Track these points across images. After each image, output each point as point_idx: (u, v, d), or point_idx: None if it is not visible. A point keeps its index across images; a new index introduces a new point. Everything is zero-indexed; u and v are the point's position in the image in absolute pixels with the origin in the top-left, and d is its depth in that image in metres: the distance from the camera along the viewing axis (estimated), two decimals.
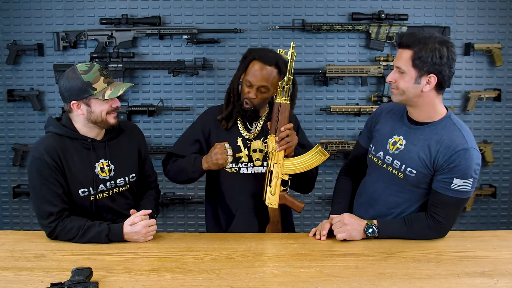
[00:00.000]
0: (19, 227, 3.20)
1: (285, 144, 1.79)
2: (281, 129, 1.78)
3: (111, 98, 1.68)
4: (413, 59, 1.57)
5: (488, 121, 3.17)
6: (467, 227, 3.24)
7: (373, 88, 3.13)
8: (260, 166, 1.93)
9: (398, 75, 1.63)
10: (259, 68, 1.80)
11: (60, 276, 1.38)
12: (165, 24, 3.05)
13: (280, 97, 1.78)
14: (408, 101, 1.65)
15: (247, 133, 1.94)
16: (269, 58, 1.81)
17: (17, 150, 3.10)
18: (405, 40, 1.59)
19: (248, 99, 1.84)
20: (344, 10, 3.07)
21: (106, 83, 1.69)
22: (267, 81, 1.81)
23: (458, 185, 1.59)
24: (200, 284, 1.35)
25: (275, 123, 1.80)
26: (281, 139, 1.79)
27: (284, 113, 1.78)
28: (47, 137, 1.74)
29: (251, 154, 1.92)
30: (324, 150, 1.82)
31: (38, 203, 1.68)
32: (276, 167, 1.82)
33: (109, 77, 1.72)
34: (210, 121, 1.97)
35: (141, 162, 1.91)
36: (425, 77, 1.58)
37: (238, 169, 1.93)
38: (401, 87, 1.62)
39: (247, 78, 1.83)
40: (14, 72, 3.09)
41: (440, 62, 1.55)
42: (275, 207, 1.86)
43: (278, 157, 1.81)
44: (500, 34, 3.09)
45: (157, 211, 1.95)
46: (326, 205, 3.21)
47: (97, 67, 1.70)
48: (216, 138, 1.93)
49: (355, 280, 1.37)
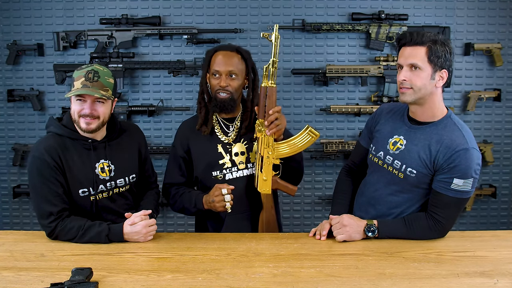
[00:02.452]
0: (19, 227, 3.20)
1: (275, 127, 1.77)
2: (269, 113, 1.77)
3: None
4: (429, 55, 1.59)
5: (488, 121, 3.17)
6: (467, 227, 3.23)
7: (373, 88, 3.13)
8: (245, 168, 1.92)
9: (410, 73, 1.62)
10: (222, 56, 1.84)
11: (60, 276, 1.38)
12: (165, 24, 3.05)
13: (266, 81, 1.78)
14: (420, 99, 1.64)
15: (226, 137, 1.92)
16: (229, 47, 1.88)
17: (17, 150, 3.10)
18: (416, 37, 1.60)
19: (220, 89, 1.84)
20: (344, 10, 3.06)
21: (81, 85, 1.66)
22: (233, 66, 1.83)
23: (458, 185, 1.59)
24: (200, 284, 1.35)
25: (263, 107, 1.79)
26: (270, 123, 1.78)
27: (272, 96, 1.78)
28: (47, 137, 1.74)
29: (233, 158, 1.91)
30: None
31: (38, 203, 1.68)
32: (267, 151, 1.81)
33: (90, 81, 1.65)
34: (186, 134, 1.95)
35: (141, 163, 1.91)
36: (438, 72, 1.61)
37: (223, 176, 1.91)
38: (418, 85, 1.61)
39: (213, 69, 1.84)
40: (14, 72, 3.08)
41: (450, 58, 1.61)
42: (268, 192, 1.85)
43: (268, 142, 1.80)
44: (500, 34, 3.09)
45: (157, 211, 1.95)
46: (326, 205, 3.21)
47: (89, 69, 1.68)
48: (196, 148, 1.92)
49: (355, 280, 1.37)
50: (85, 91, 1.64)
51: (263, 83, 1.79)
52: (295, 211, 3.23)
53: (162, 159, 3.11)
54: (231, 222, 1.90)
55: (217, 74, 1.84)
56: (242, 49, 1.90)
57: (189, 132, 1.95)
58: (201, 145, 1.92)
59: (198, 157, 1.92)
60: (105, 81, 1.69)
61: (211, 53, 1.88)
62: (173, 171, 1.97)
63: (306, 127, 1.82)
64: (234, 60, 1.84)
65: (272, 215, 1.89)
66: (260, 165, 1.83)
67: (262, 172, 1.83)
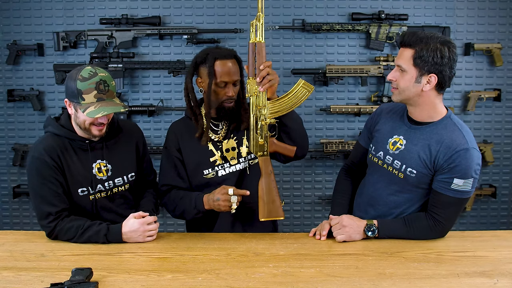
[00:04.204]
0: (19, 227, 3.20)
1: (267, 82, 1.72)
2: (260, 68, 1.71)
3: (89, 116, 1.63)
4: (414, 58, 1.57)
5: (488, 121, 3.18)
6: (467, 227, 3.24)
7: (373, 88, 3.13)
8: (237, 163, 1.88)
9: (399, 73, 1.63)
10: (226, 65, 1.79)
11: (60, 276, 1.38)
12: (165, 24, 3.05)
13: (254, 37, 1.73)
14: (408, 100, 1.66)
15: (215, 135, 1.89)
16: (228, 53, 1.83)
17: (17, 150, 3.10)
18: (407, 39, 1.60)
19: (229, 98, 1.81)
20: (344, 10, 3.07)
21: (96, 99, 1.64)
22: (236, 74, 1.82)
23: (458, 185, 1.59)
24: (200, 284, 1.35)
25: (253, 64, 1.74)
26: (262, 78, 1.72)
27: (261, 52, 1.72)
28: (46, 137, 1.74)
29: (224, 155, 1.88)
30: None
31: (37, 203, 1.68)
32: (261, 111, 1.75)
33: (104, 93, 1.65)
34: (176, 136, 1.91)
35: (139, 160, 1.91)
36: (425, 76, 1.58)
37: (216, 173, 1.88)
38: (401, 86, 1.62)
39: (221, 80, 1.79)
40: (14, 72, 3.09)
41: (441, 62, 1.56)
42: (266, 155, 1.79)
43: (261, 100, 1.75)
44: (500, 34, 3.09)
45: (157, 210, 1.95)
46: (326, 205, 3.21)
47: (97, 79, 1.64)
48: (187, 150, 1.88)
49: (355, 280, 1.37)
50: (112, 109, 1.64)
51: (251, 39, 1.73)
52: (295, 211, 3.23)
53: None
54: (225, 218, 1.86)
55: (225, 83, 1.81)
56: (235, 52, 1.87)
57: (179, 135, 1.91)
58: (191, 145, 1.89)
59: (188, 156, 1.89)
60: (112, 86, 1.69)
61: (211, 61, 1.80)
62: (168, 172, 1.91)
63: (300, 80, 1.77)
64: (236, 68, 1.82)
65: (272, 180, 1.79)
66: (255, 127, 1.77)
67: (257, 134, 1.77)
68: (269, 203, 1.76)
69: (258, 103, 1.76)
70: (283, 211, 1.80)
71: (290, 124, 1.83)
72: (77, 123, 1.70)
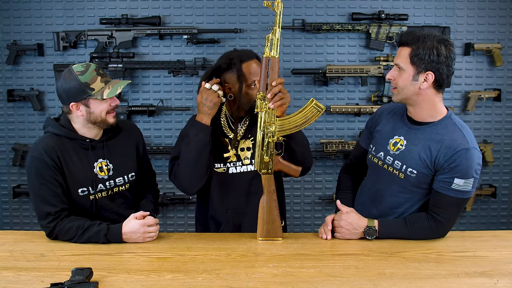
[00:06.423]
0: (19, 227, 3.20)
1: (279, 100, 1.67)
2: (272, 84, 1.66)
3: (109, 97, 1.68)
4: (411, 56, 1.59)
5: (488, 121, 3.18)
6: (467, 227, 3.24)
7: (373, 88, 3.13)
8: (249, 164, 1.88)
9: (397, 72, 1.64)
10: (252, 65, 1.81)
11: (60, 276, 1.38)
12: (165, 24, 3.05)
13: (268, 51, 1.69)
14: (407, 100, 1.66)
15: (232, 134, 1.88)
16: (250, 54, 1.85)
17: (17, 150, 3.10)
18: (405, 38, 1.62)
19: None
20: (344, 10, 3.07)
21: (103, 82, 1.69)
22: None
23: (459, 185, 1.59)
24: (200, 284, 1.35)
25: (265, 79, 1.69)
26: (274, 95, 1.66)
27: (274, 67, 1.68)
28: (45, 137, 1.74)
29: (239, 153, 1.88)
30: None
31: (37, 203, 1.68)
32: (270, 127, 1.69)
33: (106, 76, 1.72)
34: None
35: (139, 160, 1.91)
36: (422, 74, 1.60)
37: (227, 169, 1.87)
38: (399, 85, 1.64)
39: (251, 80, 1.80)
40: (14, 72, 3.09)
41: (438, 60, 1.57)
42: (270, 174, 1.73)
43: (270, 117, 1.69)
44: (500, 34, 3.09)
45: (156, 211, 1.95)
46: (326, 205, 3.21)
47: (93, 67, 1.69)
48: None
49: (355, 280, 1.37)
50: (122, 83, 1.72)
51: (265, 53, 1.69)
52: (295, 211, 3.23)
53: (162, 159, 3.11)
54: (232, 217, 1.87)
55: (254, 83, 1.80)
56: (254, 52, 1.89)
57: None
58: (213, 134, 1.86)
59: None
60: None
61: (238, 65, 1.79)
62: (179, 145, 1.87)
63: (311, 100, 1.71)
64: (259, 66, 1.81)
65: (274, 200, 1.72)
66: (261, 144, 1.71)
67: (263, 151, 1.71)
68: (269, 223, 1.72)
69: (266, 119, 1.69)
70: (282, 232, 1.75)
71: (295, 146, 1.79)
72: (92, 120, 1.71)
